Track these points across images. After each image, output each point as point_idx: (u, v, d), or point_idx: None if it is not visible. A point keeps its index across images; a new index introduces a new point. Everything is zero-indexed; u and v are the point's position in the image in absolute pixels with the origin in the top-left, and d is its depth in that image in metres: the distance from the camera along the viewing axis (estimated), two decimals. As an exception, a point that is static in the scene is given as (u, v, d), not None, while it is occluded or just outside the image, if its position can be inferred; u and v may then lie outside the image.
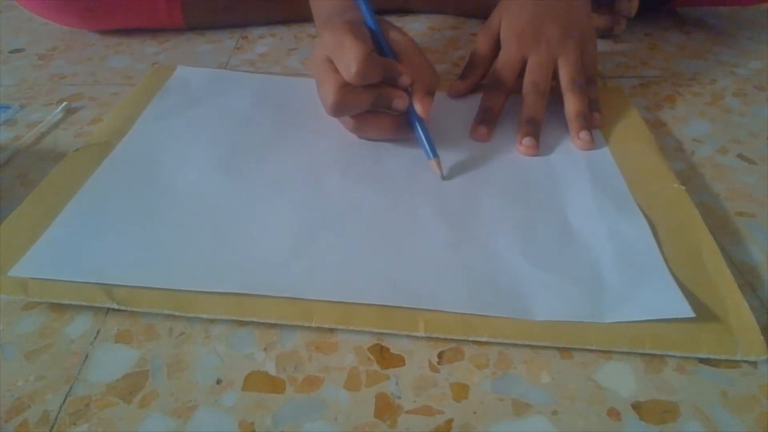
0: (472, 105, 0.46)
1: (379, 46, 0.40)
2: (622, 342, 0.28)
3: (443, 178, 0.39)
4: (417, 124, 0.40)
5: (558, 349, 0.29)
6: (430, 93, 0.40)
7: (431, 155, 0.39)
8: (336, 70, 0.37)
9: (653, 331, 0.29)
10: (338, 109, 0.38)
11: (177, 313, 0.30)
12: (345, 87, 0.37)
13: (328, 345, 0.29)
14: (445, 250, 0.34)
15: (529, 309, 0.30)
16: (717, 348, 0.28)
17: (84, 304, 0.30)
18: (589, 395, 0.27)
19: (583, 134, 0.42)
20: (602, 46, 0.60)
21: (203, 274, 0.32)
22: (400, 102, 0.39)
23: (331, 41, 0.38)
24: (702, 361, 0.28)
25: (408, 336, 0.29)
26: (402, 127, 0.41)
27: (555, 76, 0.45)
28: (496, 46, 0.47)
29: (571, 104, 0.44)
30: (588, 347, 0.28)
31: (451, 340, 0.29)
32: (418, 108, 0.39)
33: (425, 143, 0.40)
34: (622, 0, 0.59)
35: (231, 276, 0.32)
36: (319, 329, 0.30)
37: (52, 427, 0.26)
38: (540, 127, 0.43)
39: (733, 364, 0.28)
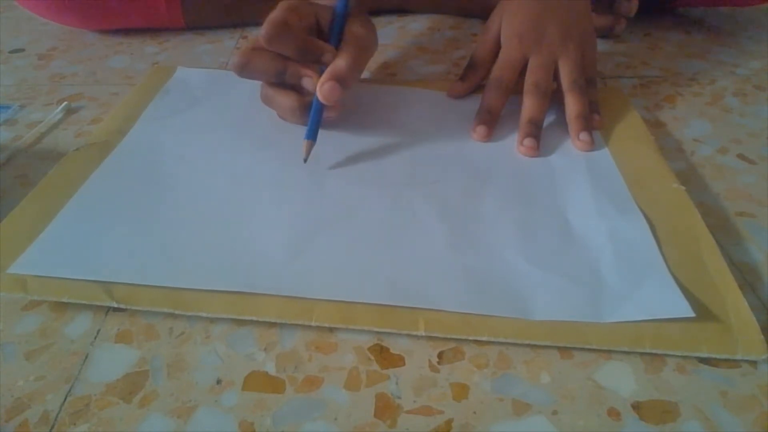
0: (472, 105, 0.46)
1: (335, 30, 0.41)
2: (622, 342, 0.28)
3: (305, 161, 0.39)
4: (315, 103, 0.40)
5: (558, 349, 0.29)
6: (338, 80, 0.39)
7: (308, 136, 0.39)
8: None
9: (653, 331, 0.29)
10: (239, 68, 0.39)
11: (176, 312, 0.30)
12: (254, 49, 0.38)
13: (328, 345, 0.29)
14: (445, 250, 0.34)
15: (529, 309, 0.30)
16: (717, 348, 0.28)
17: (83, 302, 0.30)
18: (589, 395, 0.27)
19: (583, 135, 0.42)
20: (602, 46, 0.60)
21: (203, 272, 0.32)
22: (308, 81, 0.39)
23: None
24: (702, 361, 0.28)
25: (408, 336, 0.29)
26: (306, 112, 0.41)
27: (555, 76, 0.45)
28: (497, 47, 0.47)
29: (572, 105, 0.44)
30: (588, 347, 0.28)
31: (451, 340, 0.29)
32: (319, 90, 0.39)
33: (311, 123, 0.40)
34: (622, 0, 0.59)
35: (231, 275, 0.32)
36: (319, 329, 0.30)
37: (52, 427, 0.26)
38: (541, 128, 0.43)
39: (733, 364, 0.28)
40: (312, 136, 0.39)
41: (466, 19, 0.67)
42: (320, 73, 0.40)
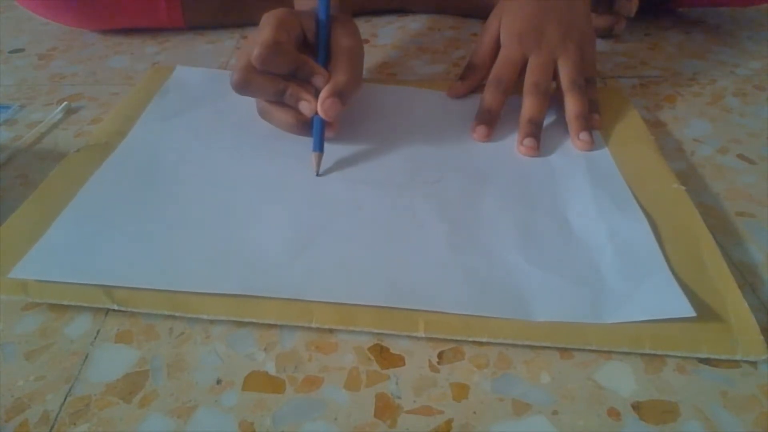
0: (472, 105, 0.46)
1: (320, 43, 0.41)
2: (622, 342, 0.28)
3: (317, 174, 0.39)
4: (317, 116, 0.40)
5: (558, 349, 0.29)
6: (337, 95, 0.39)
7: (316, 148, 0.40)
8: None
9: (653, 331, 0.29)
10: (239, 87, 0.39)
11: (177, 314, 0.30)
12: (251, 68, 0.38)
13: (328, 345, 0.29)
14: (445, 251, 0.33)
15: (529, 310, 0.30)
16: (717, 348, 0.28)
17: (84, 305, 0.30)
18: (589, 395, 0.27)
19: (583, 135, 0.42)
20: (602, 46, 0.60)
21: (203, 275, 0.32)
22: (306, 106, 0.39)
23: (260, 25, 0.39)
24: (702, 361, 0.28)
25: (408, 336, 0.29)
26: (305, 126, 0.41)
27: (554, 76, 0.45)
28: (496, 47, 0.47)
29: (571, 105, 0.44)
30: (588, 347, 0.28)
31: (451, 340, 0.29)
32: (319, 108, 0.39)
33: (316, 135, 0.40)
34: (623, 0, 0.59)
35: (230, 277, 0.32)
36: (319, 329, 0.30)
37: (52, 427, 0.26)
38: (541, 128, 0.43)
39: (733, 364, 0.28)
40: (319, 148, 0.40)
41: (466, 19, 0.67)
42: (317, 92, 0.39)
